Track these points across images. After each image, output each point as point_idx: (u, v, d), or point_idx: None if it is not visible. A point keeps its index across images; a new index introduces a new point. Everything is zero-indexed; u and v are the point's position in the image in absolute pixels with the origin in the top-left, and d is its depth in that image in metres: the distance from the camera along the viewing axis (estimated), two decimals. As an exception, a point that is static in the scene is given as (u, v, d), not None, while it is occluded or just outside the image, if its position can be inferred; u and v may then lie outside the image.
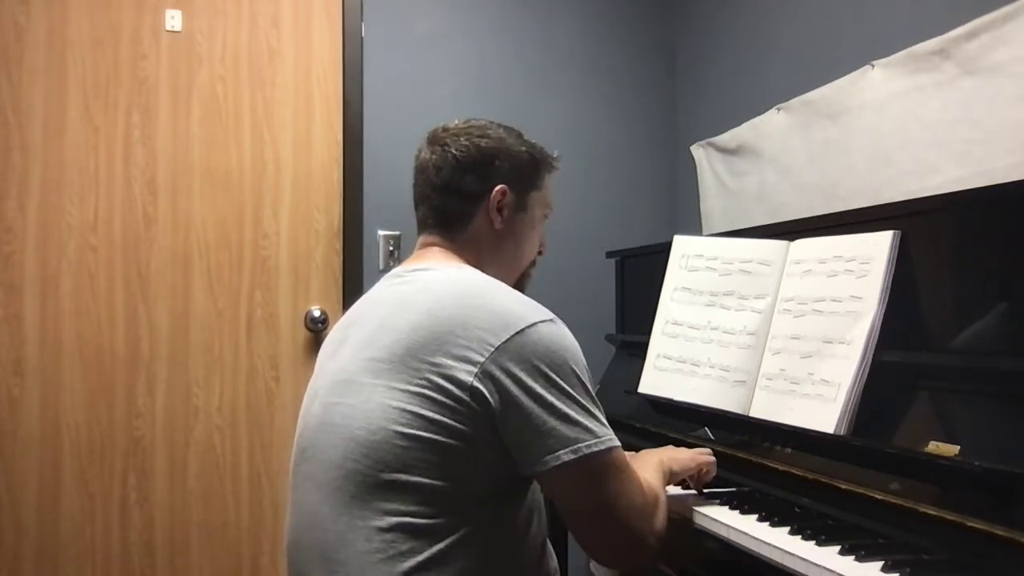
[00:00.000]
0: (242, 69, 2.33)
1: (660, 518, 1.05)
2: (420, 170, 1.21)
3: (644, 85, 2.78)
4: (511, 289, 1.09)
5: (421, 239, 1.22)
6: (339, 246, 2.40)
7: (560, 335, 1.02)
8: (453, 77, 2.53)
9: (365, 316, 1.12)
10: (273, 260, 2.34)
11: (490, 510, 1.01)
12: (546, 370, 0.98)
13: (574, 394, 0.99)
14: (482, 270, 1.15)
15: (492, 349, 0.97)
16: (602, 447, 0.98)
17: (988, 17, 1.54)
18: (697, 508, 1.28)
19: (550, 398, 0.97)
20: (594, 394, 1.02)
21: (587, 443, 0.97)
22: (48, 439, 2.15)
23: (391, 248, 2.46)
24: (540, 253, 1.28)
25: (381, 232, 2.45)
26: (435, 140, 1.20)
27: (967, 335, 1.17)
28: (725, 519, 1.21)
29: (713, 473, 1.32)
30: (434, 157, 1.18)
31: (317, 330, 2.34)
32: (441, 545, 0.96)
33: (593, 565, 1.22)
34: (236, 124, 2.32)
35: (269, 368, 2.33)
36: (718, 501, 1.31)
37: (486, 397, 0.97)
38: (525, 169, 1.21)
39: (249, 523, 2.29)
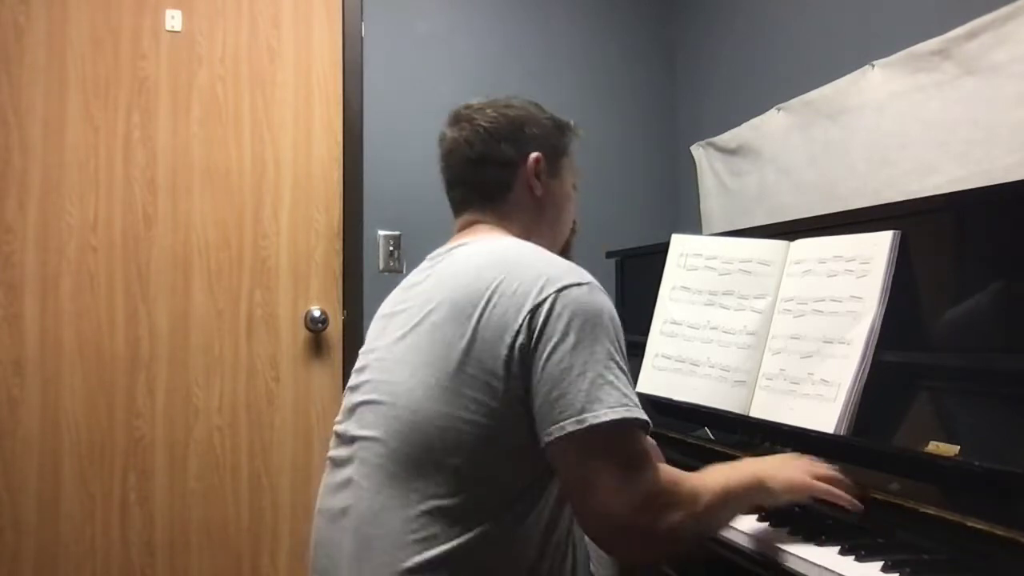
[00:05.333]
0: (242, 69, 2.33)
1: (676, 517, 0.94)
2: (450, 151, 1.20)
3: (644, 85, 2.78)
4: (549, 254, 1.07)
5: (461, 219, 1.21)
6: (339, 246, 2.39)
7: (594, 298, 0.99)
8: (453, 77, 2.53)
9: (408, 298, 1.12)
10: (273, 260, 2.34)
11: (520, 506, 0.99)
12: (573, 334, 0.95)
13: (599, 358, 0.95)
14: (529, 239, 1.15)
15: (526, 316, 0.96)
16: (614, 416, 0.93)
17: (988, 17, 1.55)
18: None
19: (568, 362, 0.94)
20: (623, 362, 0.99)
21: (595, 413, 0.92)
22: (48, 439, 2.14)
23: (391, 248, 2.46)
24: (574, 230, 1.29)
25: (381, 232, 2.46)
26: (459, 119, 1.20)
27: (967, 335, 1.17)
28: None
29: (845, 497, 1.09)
30: (463, 134, 1.18)
31: (317, 330, 2.34)
32: (463, 539, 0.96)
33: (593, 566, 1.20)
34: (236, 124, 2.32)
35: (269, 368, 2.33)
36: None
37: (519, 369, 0.96)
38: (553, 135, 1.23)
39: (249, 523, 2.29)
